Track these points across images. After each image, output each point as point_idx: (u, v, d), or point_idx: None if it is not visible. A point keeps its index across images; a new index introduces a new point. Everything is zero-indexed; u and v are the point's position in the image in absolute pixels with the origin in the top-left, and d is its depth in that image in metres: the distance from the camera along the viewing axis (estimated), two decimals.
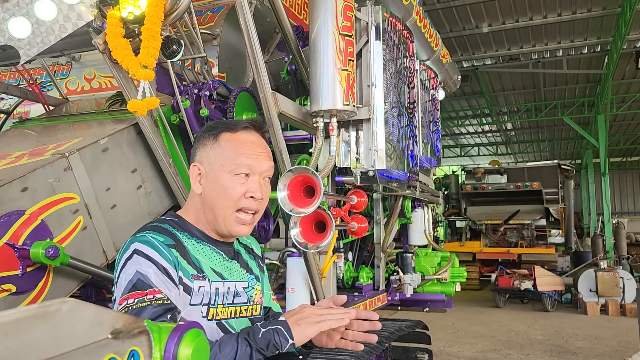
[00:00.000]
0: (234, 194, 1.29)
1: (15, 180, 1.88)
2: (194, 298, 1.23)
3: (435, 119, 4.48)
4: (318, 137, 2.52)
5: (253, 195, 1.30)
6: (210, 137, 1.33)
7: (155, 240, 1.21)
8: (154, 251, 1.19)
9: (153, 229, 1.26)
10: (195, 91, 2.69)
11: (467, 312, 10.99)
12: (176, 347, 0.64)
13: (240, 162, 1.30)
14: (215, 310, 1.28)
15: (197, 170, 1.33)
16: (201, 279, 1.26)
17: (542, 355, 7.54)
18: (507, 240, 14.86)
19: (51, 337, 0.48)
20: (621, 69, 13.07)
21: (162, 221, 1.32)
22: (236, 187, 1.29)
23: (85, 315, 0.54)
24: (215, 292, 1.28)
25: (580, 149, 22.44)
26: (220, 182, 1.29)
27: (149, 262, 1.17)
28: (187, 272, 1.23)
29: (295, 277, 2.74)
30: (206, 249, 1.32)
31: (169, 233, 1.26)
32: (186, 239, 1.29)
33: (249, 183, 1.31)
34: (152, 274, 1.16)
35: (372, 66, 2.77)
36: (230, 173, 1.29)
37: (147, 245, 1.20)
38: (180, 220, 1.34)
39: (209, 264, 1.30)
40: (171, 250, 1.21)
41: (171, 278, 1.19)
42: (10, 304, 1.82)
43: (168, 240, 1.23)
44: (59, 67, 3.47)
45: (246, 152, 1.32)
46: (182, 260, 1.23)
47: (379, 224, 3.87)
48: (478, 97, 16.28)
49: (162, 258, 1.19)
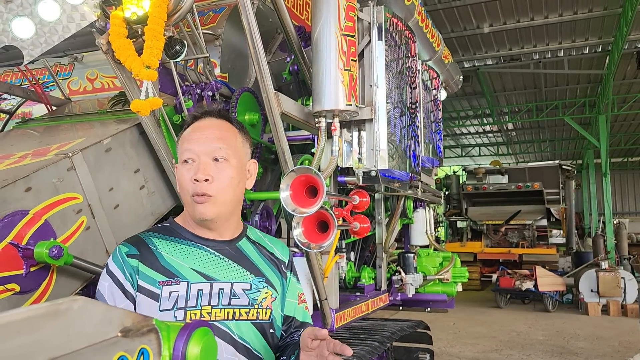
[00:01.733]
0: (183, 182, 1.32)
1: (18, 180, 1.88)
2: (163, 304, 1.24)
3: (437, 119, 4.48)
4: (320, 137, 2.52)
5: (195, 178, 1.28)
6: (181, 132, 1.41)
7: (119, 252, 1.28)
8: (114, 265, 1.27)
9: (127, 240, 1.33)
10: (198, 91, 2.69)
11: (468, 312, 10.99)
12: (185, 345, 0.64)
13: (185, 147, 1.33)
14: (200, 312, 1.25)
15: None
16: (173, 283, 1.26)
17: (543, 355, 7.54)
18: (508, 240, 14.86)
19: (62, 334, 0.49)
20: (622, 69, 13.07)
21: (152, 229, 1.37)
22: (184, 174, 1.31)
23: (95, 313, 0.54)
24: (197, 293, 1.26)
25: (581, 149, 22.43)
26: (177, 174, 1.36)
27: (108, 276, 1.26)
28: (152, 279, 1.26)
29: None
30: (194, 250, 1.32)
31: (140, 242, 1.31)
32: (166, 244, 1.31)
33: (194, 167, 1.31)
34: (107, 287, 1.25)
35: (375, 66, 2.78)
36: (180, 162, 1.34)
37: (112, 258, 1.29)
38: (172, 225, 1.38)
39: (191, 266, 1.29)
40: (129, 261, 1.26)
41: (125, 291, 1.24)
42: (14, 304, 1.82)
43: (132, 251, 1.28)
44: (62, 67, 3.47)
45: (193, 137, 1.34)
46: (146, 268, 1.26)
47: (380, 224, 3.87)
48: (479, 98, 16.28)
49: (120, 271, 1.26)
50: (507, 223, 14.65)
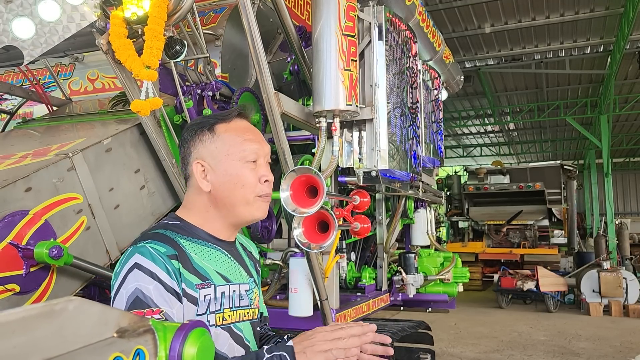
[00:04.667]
0: (250, 181, 1.27)
1: (19, 180, 1.89)
2: (200, 308, 1.19)
3: (438, 119, 4.48)
4: (321, 137, 2.52)
5: (267, 179, 1.30)
6: (206, 131, 1.29)
7: (156, 252, 1.15)
8: (155, 265, 1.14)
9: (155, 238, 1.20)
10: (198, 91, 2.69)
11: (469, 312, 10.98)
12: (181, 345, 0.64)
13: (247, 148, 1.28)
14: (222, 315, 1.24)
15: (200, 168, 1.28)
16: (206, 286, 1.21)
17: (545, 356, 7.53)
18: (510, 240, 14.85)
19: (57, 335, 0.48)
20: (624, 69, 13.05)
21: (164, 226, 1.27)
22: (249, 174, 1.28)
23: (91, 313, 0.54)
24: (221, 296, 1.24)
25: (583, 150, 22.40)
26: (233, 173, 1.27)
27: (150, 277, 1.12)
28: (191, 283, 1.19)
29: (298, 278, 2.74)
30: (212, 251, 1.28)
31: (171, 242, 1.21)
32: (190, 244, 1.24)
33: (259, 168, 1.30)
34: (153, 290, 1.11)
35: (375, 66, 2.78)
36: (240, 161, 1.27)
37: (148, 259, 1.15)
38: (183, 223, 1.29)
39: (215, 268, 1.26)
40: (172, 262, 1.16)
41: (174, 293, 1.14)
42: (14, 304, 1.82)
43: (170, 251, 1.18)
44: (62, 67, 3.48)
45: (249, 137, 1.31)
46: (185, 271, 1.18)
47: (381, 224, 3.87)
48: (480, 98, 16.27)
49: (164, 272, 1.14)
50: (509, 223, 14.63)
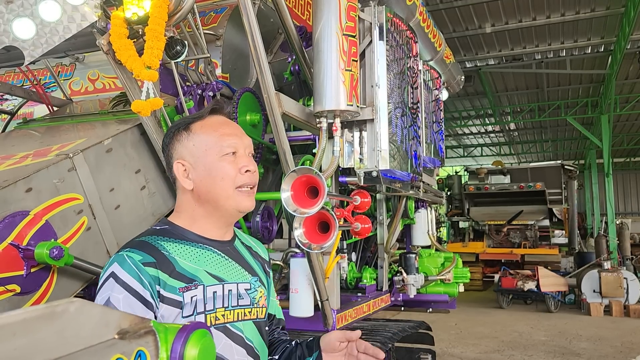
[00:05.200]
0: (229, 174, 1.28)
1: (19, 180, 1.88)
2: (185, 310, 1.20)
3: (439, 120, 4.48)
4: (322, 137, 2.52)
5: (248, 169, 1.30)
6: (182, 131, 1.32)
7: (131, 261, 1.17)
8: (128, 275, 1.16)
9: (135, 246, 1.21)
10: (199, 92, 2.69)
11: (470, 312, 10.98)
12: (182, 347, 0.64)
13: (225, 142, 1.30)
14: (215, 314, 1.24)
15: (181, 167, 1.30)
16: (193, 288, 1.22)
17: (545, 356, 7.52)
18: (510, 240, 14.84)
19: (58, 337, 0.48)
20: (625, 69, 13.04)
21: (151, 232, 1.28)
22: (227, 166, 1.29)
23: (92, 315, 0.53)
24: (212, 296, 1.24)
25: (583, 150, 22.39)
26: (211, 167, 1.28)
27: (122, 287, 1.14)
28: (173, 287, 1.19)
29: (298, 278, 2.74)
30: (202, 251, 1.29)
31: (151, 248, 1.21)
32: (177, 247, 1.25)
33: (239, 159, 1.31)
34: (122, 300, 1.13)
35: (376, 66, 2.77)
36: (218, 155, 1.29)
37: (123, 268, 1.16)
38: (171, 226, 1.31)
39: (205, 268, 1.26)
40: (147, 270, 1.17)
41: (144, 302, 1.16)
42: (14, 305, 1.82)
43: (147, 259, 1.18)
44: (63, 67, 3.48)
45: (225, 131, 1.32)
46: (165, 276, 1.19)
47: (382, 224, 3.87)
48: (481, 98, 16.26)
49: (137, 281, 1.15)
50: (509, 223, 14.62)
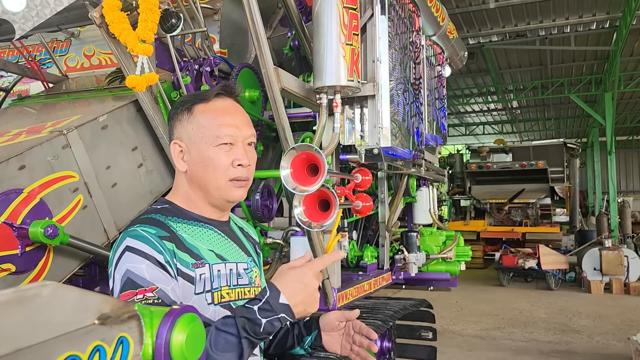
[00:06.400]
0: (222, 165, 1.27)
1: (12, 158, 1.85)
2: (197, 287, 1.20)
3: (441, 96, 4.40)
4: (322, 114, 2.46)
5: (241, 163, 1.28)
6: (185, 112, 1.30)
7: (147, 234, 1.16)
8: (146, 245, 1.15)
9: (144, 222, 1.21)
10: (196, 67, 2.63)
11: (471, 290, 11.03)
12: (169, 332, 0.60)
13: (222, 132, 1.27)
14: (220, 293, 1.25)
15: (177, 148, 1.29)
16: (200, 265, 1.22)
17: (545, 333, 7.56)
18: (512, 219, 14.86)
19: (29, 323, 0.44)
20: (630, 45, 12.86)
21: (154, 211, 1.28)
22: (222, 157, 1.27)
23: (67, 299, 0.49)
24: (217, 274, 1.25)
25: (586, 128, 22.24)
26: (205, 155, 1.27)
27: (141, 257, 1.13)
28: (186, 262, 1.20)
29: (299, 256, 2.71)
30: (204, 230, 1.29)
31: (161, 224, 1.21)
32: (181, 226, 1.25)
33: (234, 151, 1.28)
34: (145, 269, 1.12)
35: (377, 41, 2.70)
36: (213, 144, 1.27)
37: (139, 240, 1.15)
38: (172, 206, 1.30)
39: (208, 247, 1.27)
40: (164, 243, 1.17)
41: (167, 270, 1.15)
42: (10, 284, 1.80)
43: (161, 232, 1.18)
44: (58, 43, 3.41)
45: (225, 121, 1.29)
46: (178, 251, 1.19)
47: (383, 202, 3.83)
48: (484, 75, 16.10)
49: (156, 251, 1.14)
50: (511, 202, 14.62)
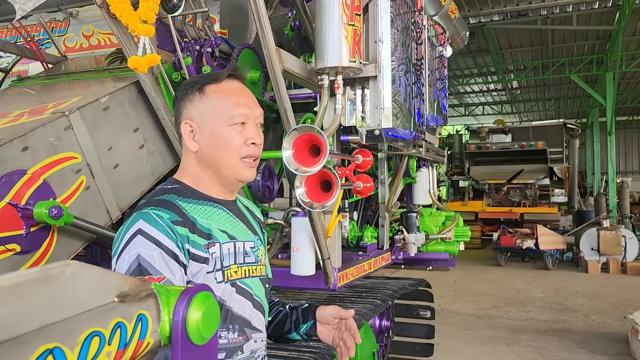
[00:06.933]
0: (235, 144, 1.29)
1: (15, 139, 1.85)
2: (209, 266, 1.23)
3: (442, 77, 4.39)
4: (323, 95, 2.46)
5: (254, 141, 1.32)
6: (195, 92, 1.31)
7: (160, 219, 1.18)
8: (159, 232, 1.16)
9: (158, 204, 1.22)
10: (197, 48, 2.62)
11: (468, 270, 11.12)
12: (185, 310, 0.62)
13: (236, 111, 1.30)
14: (230, 271, 1.28)
15: (189, 128, 1.31)
16: (212, 245, 1.25)
17: (542, 312, 7.65)
18: (510, 199, 14.91)
19: (54, 301, 0.46)
20: (632, 24, 12.76)
21: (166, 191, 1.29)
22: (235, 136, 1.30)
23: (90, 278, 0.51)
24: (227, 253, 1.28)
25: (586, 108, 22.18)
26: (218, 134, 1.29)
27: (153, 244, 1.15)
28: (199, 244, 1.22)
29: (300, 237, 2.74)
30: (214, 210, 1.31)
31: (175, 207, 1.23)
32: (192, 206, 1.27)
33: (246, 131, 1.32)
34: (156, 257, 1.14)
35: (379, 21, 2.68)
36: (227, 123, 1.29)
37: (151, 225, 1.17)
38: (182, 185, 1.32)
39: (218, 226, 1.29)
40: (177, 228, 1.19)
41: (177, 259, 1.17)
42: (15, 264, 1.82)
43: (174, 217, 1.20)
44: (57, 23, 3.38)
45: (238, 101, 1.32)
46: (191, 234, 1.21)
47: (383, 183, 3.85)
48: (484, 55, 15.98)
49: (168, 239, 1.16)
50: (509, 182, 14.65)
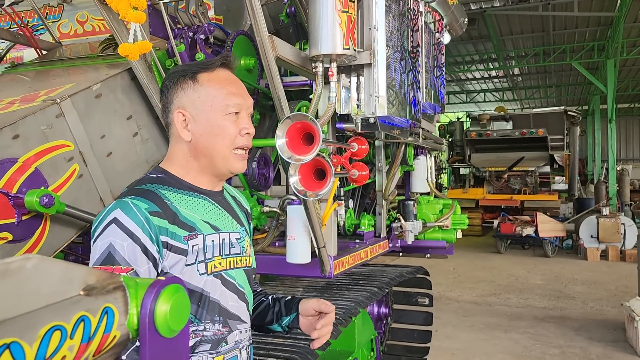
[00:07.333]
0: (230, 133, 1.29)
1: (6, 127, 1.84)
2: (189, 258, 1.22)
3: (440, 64, 4.36)
4: (317, 82, 2.44)
5: (248, 131, 1.32)
6: (188, 80, 1.30)
7: (136, 209, 1.16)
8: (134, 223, 1.15)
9: (139, 194, 1.21)
10: (191, 34, 2.59)
11: (468, 257, 11.16)
12: (153, 302, 0.61)
13: (231, 101, 1.30)
14: (213, 263, 1.27)
15: (181, 117, 1.29)
16: (194, 237, 1.23)
17: (540, 299, 7.69)
18: (511, 187, 14.91)
19: (13, 296, 0.45)
20: (634, 11, 12.67)
21: (150, 180, 1.27)
22: (230, 126, 1.29)
23: (53, 272, 0.50)
24: (211, 244, 1.27)
25: (587, 95, 22.09)
26: (215, 124, 1.28)
27: (126, 234, 1.14)
28: (178, 236, 1.21)
29: (295, 225, 2.73)
30: (199, 201, 1.30)
31: (156, 197, 1.21)
32: (176, 196, 1.25)
33: (240, 120, 1.32)
34: (126, 248, 1.13)
35: (374, 7, 2.65)
36: (222, 113, 1.29)
37: (127, 215, 1.15)
38: (167, 175, 1.30)
39: (202, 217, 1.28)
40: (153, 219, 1.17)
41: (147, 253, 1.15)
42: (7, 252, 1.82)
43: (152, 208, 1.18)
44: (51, 9, 3.36)
45: (232, 90, 1.31)
46: (171, 225, 1.20)
47: (380, 171, 3.84)
48: (485, 42, 15.89)
49: (142, 231, 1.15)
50: (510, 170, 14.64)
